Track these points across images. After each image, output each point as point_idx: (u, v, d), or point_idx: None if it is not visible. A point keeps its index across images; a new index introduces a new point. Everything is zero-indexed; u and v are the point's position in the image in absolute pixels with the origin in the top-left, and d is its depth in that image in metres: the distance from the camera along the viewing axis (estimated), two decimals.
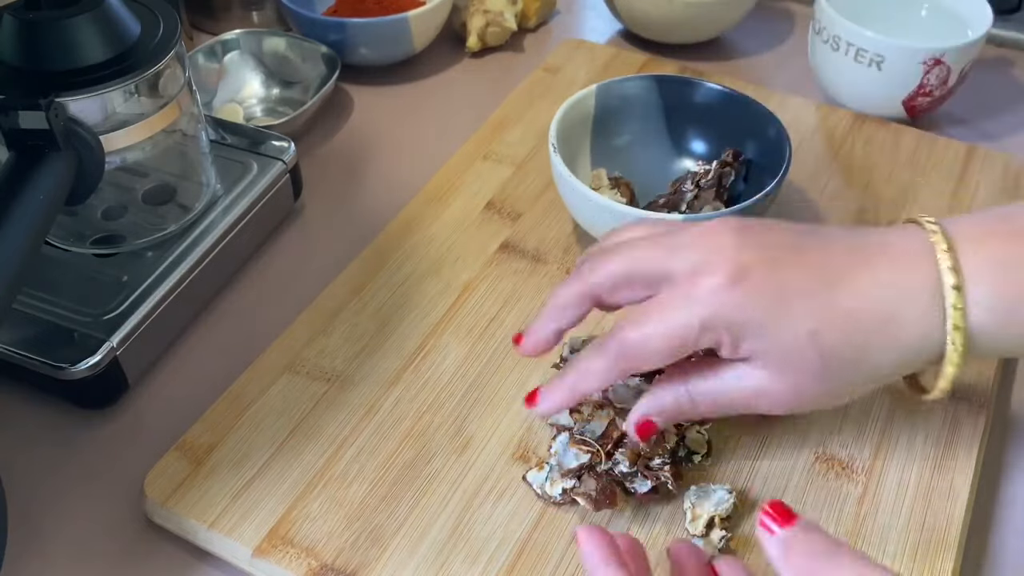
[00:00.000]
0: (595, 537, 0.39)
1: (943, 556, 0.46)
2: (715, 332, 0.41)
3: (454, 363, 0.55)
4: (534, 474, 0.49)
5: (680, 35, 0.83)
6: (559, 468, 0.48)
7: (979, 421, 0.52)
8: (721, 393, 0.44)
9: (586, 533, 0.39)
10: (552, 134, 0.59)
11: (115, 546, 0.49)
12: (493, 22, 0.83)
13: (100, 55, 0.52)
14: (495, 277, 0.60)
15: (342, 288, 0.60)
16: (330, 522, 0.48)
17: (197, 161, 0.61)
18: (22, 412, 0.55)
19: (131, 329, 0.54)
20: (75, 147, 0.50)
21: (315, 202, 0.69)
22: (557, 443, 0.49)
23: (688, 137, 0.66)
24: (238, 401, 0.53)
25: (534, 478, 0.49)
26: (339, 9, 0.82)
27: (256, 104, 0.77)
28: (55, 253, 0.58)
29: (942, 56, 0.68)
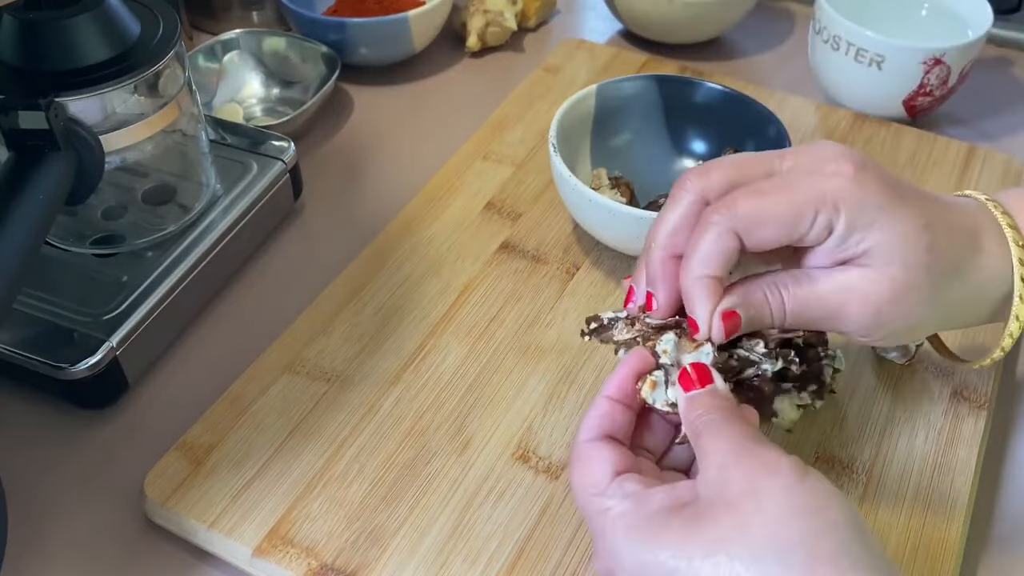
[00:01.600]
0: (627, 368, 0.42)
1: (943, 556, 0.46)
2: (834, 213, 0.40)
3: (454, 363, 0.55)
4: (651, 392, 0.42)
5: (680, 35, 0.83)
6: (677, 368, 0.43)
7: (979, 421, 0.52)
8: (813, 292, 0.42)
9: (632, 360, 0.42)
10: (552, 134, 0.59)
11: (115, 546, 0.49)
12: (493, 22, 0.83)
13: (100, 55, 0.52)
14: (495, 277, 0.60)
15: (342, 288, 0.60)
16: (330, 522, 0.48)
17: (197, 161, 0.61)
18: (22, 412, 0.55)
19: (131, 329, 0.54)
20: (75, 147, 0.50)
21: (315, 202, 0.69)
22: (664, 343, 0.43)
23: (688, 137, 0.66)
24: (238, 401, 0.53)
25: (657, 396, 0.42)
26: (339, 9, 0.82)
27: (256, 104, 0.77)
28: (55, 253, 0.58)
29: (942, 56, 0.68)
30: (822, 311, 0.42)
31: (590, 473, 0.40)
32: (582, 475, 0.40)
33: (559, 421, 0.52)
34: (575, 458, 0.41)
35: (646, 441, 0.44)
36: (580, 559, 0.46)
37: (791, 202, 0.40)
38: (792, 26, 0.89)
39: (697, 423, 0.39)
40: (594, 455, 0.40)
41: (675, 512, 0.37)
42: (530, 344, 0.56)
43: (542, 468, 0.50)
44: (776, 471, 0.36)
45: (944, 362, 0.55)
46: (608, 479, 0.39)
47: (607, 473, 0.39)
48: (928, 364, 0.55)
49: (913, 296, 0.41)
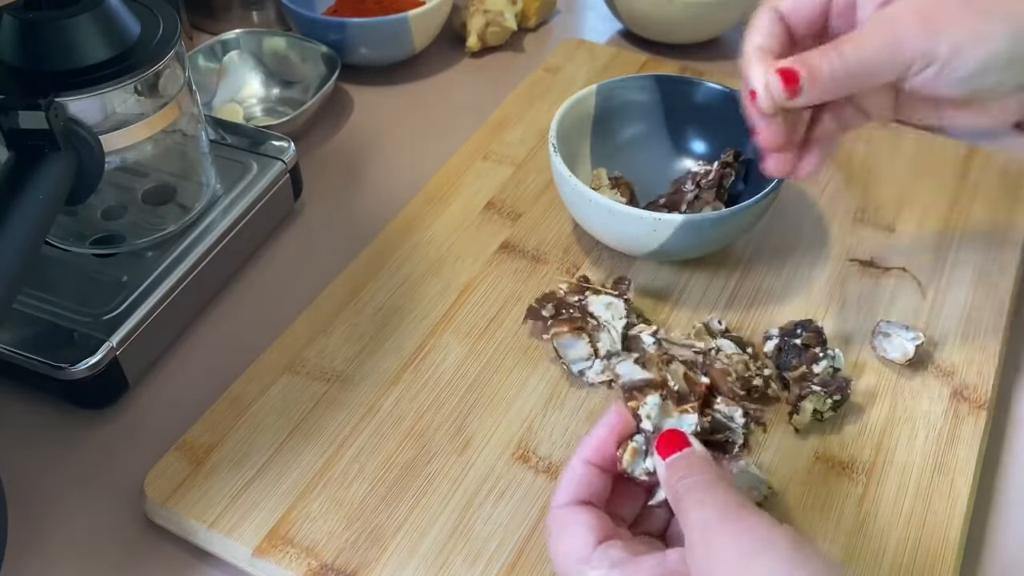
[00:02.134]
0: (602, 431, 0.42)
1: (943, 556, 0.46)
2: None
3: (454, 363, 0.55)
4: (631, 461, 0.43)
5: (680, 35, 0.83)
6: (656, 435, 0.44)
7: (979, 421, 0.52)
8: (864, 35, 0.42)
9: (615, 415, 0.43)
10: (552, 134, 0.59)
11: (115, 546, 0.49)
12: (493, 22, 0.83)
13: (100, 55, 0.52)
14: (495, 277, 0.60)
15: (342, 288, 0.60)
16: (330, 522, 0.48)
17: (197, 161, 0.61)
18: (22, 412, 0.55)
19: (131, 329, 0.54)
20: (75, 147, 0.50)
21: (315, 202, 0.69)
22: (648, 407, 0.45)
23: (688, 137, 0.66)
24: (238, 401, 0.53)
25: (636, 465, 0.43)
26: (339, 9, 0.82)
27: (256, 104, 0.77)
28: (55, 253, 0.58)
29: None
30: (878, 50, 0.42)
31: (572, 541, 0.39)
32: (564, 543, 0.39)
33: (559, 421, 0.52)
34: (554, 524, 0.40)
35: (619, 507, 0.43)
36: None
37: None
38: None
39: (678, 487, 0.38)
40: (574, 521, 0.39)
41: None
42: (530, 344, 0.56)
43: (542, 468, 0.50)
44: (770, 542, 0.34)
45: (944, 362, 0.55)
46: (591, 547, 0.38)
47: (590, 541, 0.38)
48: (928, 364, 0.55)
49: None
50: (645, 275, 0.61)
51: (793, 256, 0.62)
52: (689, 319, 0.58)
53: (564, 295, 0.55)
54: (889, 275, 0.60)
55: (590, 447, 0.42)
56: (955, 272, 0.60)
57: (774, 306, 0.59)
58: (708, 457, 0.40)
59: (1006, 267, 0.61)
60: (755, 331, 0.57)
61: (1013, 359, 0.58)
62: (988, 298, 0.59)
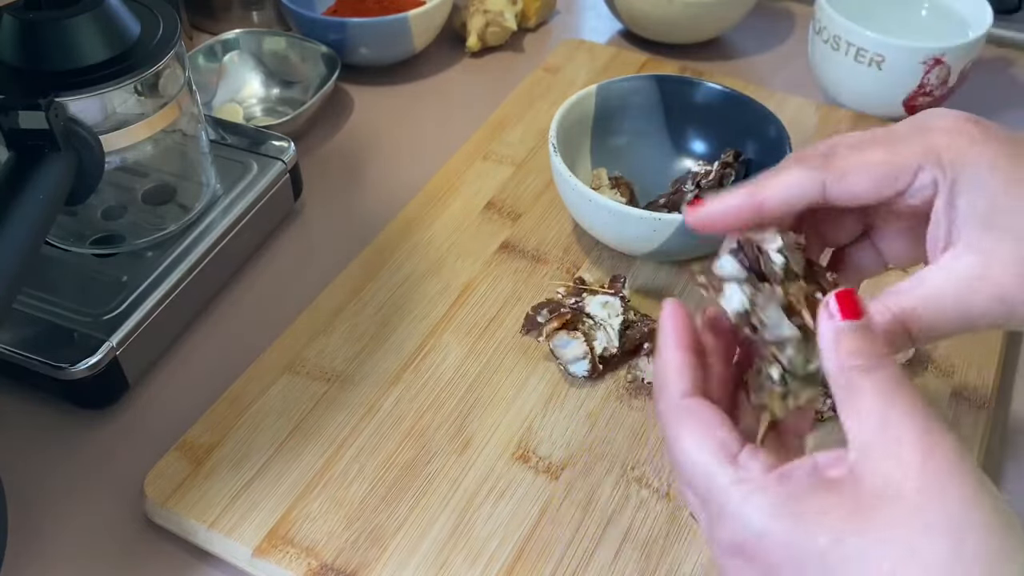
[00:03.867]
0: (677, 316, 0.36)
1: None
2: (937, 168, 0.35)
3: (454, 363, 0.55)
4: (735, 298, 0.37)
5: (680, 35, 0.83)
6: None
7: (979, 421, 0.52)
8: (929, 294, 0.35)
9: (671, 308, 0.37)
10: (552, 134, 0.59)
11: (115, 546, 0.49)
12: (493, 22, 0.83)
13: (100, 55, 0.52)
14: (495, 277, 0.60)
15: (342, 288, 0.60)
16: (330, 522, 0.48)
17: (197, 161, 0.61)
18: (22, 412, 0.55)
19: (131, 329, 0.54)
20: (75, 147, 0.50)
21: (315, 202, 0.69)
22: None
23: (688, 137, 0.66)
24: (238, 401, 0.53)
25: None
26: (339, 9, 0.82)
27: (256, 104, 0.77)
28: (55, 253, 0.58)
29: (942, 56, 0.68)
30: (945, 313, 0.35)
31: (712, 436, 0.33)
32: (695, 443, 0.33)
33: (559, 421, 0.52)
34: (677, 423, 0.34)
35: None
36: (580, 559, 0.46)
37: (893, 153, 0.36)
38: (792, 26, 0.89)
39: (853, 373, 0.31)
40: (708, 416, 0.33)
41: (828, 490, 0.30)
42: (530, 344, 0.56)
43: (542, 468, 0.50)
44: (957, 475, 0.29)
45: (944, 362, 0.55)
46: (735, 449, 0.32)
47: (735, 439, 0.33)
48: (928, 364, 0.55)
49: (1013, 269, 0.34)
50: (645, 275, 0.61)
51: None
52: None
53: (561, 299, 0.55)
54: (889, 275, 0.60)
55: (675, 331, 0.36)
56: None
57: None
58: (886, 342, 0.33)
59: None
60: None
61: (1013, 359, 0.58)
62: None
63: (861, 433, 0.31)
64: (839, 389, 0.32)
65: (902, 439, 0.30)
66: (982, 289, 0.35)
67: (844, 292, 0.33)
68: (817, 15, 0.74)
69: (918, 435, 0.30)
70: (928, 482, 0.29)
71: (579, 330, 0.53)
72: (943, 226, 0.36)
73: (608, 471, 0.50)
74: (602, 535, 0.47)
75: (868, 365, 0.31)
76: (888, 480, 0.30)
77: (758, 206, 0.37)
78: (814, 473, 0.31)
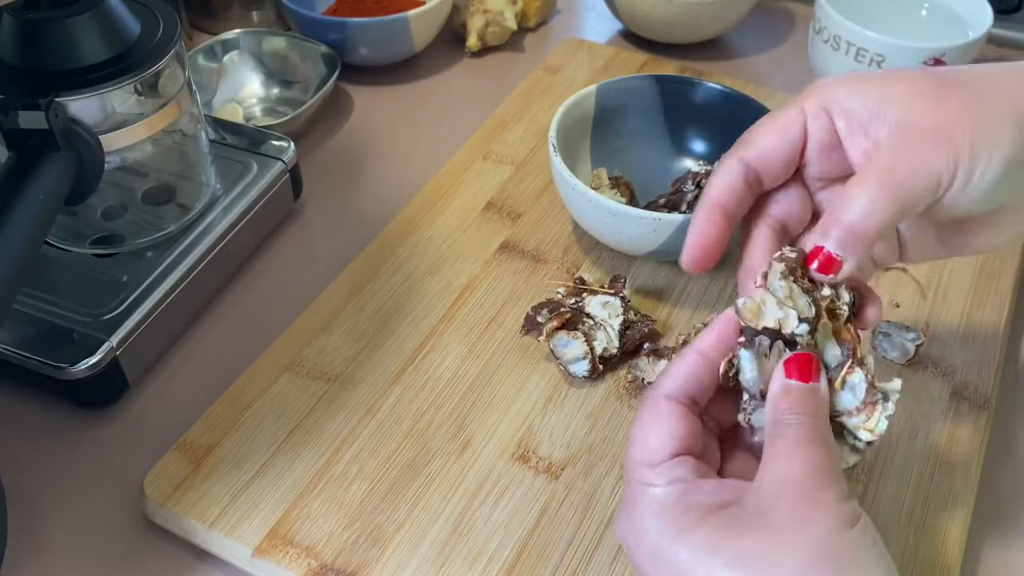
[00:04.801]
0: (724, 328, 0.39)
1: (943, 556, 0.46)
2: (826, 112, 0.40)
3: (454, 363, 0.55)
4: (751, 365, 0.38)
5: (680, 35, 0.83)
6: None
7: (979, 421, 0.52)
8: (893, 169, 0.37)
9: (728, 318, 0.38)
10: (552, 134, 0.59)
11: (115, 546, 0.49)
12: (493, 22, 0.83)
13: (100, 55, 0.52)
14: (495, 277, 0.60)
15: (342, 288, 0.60)
16: (330, 522, 0.48)
17: (197, 161, 0.61)
18: (22, 412, 0.55)
19: (131, 329, 0.54)
20: (75, 147, 0.50)
21: (315, 202, 0.69)
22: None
23: (688, 137, 0.66)
24: (238, 401, 0.53)
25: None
26: (339, 9, 0.82)
27: (256, 104, 0.77)
28: (55, 253, 0.58)
29: (942, 56, 0.68)
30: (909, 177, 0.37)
31: (651, 439, 0.37)
32: (643, 437, 0.37)
33: (559, 421, 0.52)
34: (646, 411, 0.38)
35: (721, 411, 0.40)
36: (580, 559, 0.46)
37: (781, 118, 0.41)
38: (792, 26, 0.89)
39: (783, 422, 0.36)
40: (664, 420, 0.37)
41: (713, 513, 0.34)
42: (530, 344, 0.56)
43: (542, 468, 0.50)
44: (827, 510, 0.33)
45: (944, 362, 0.55)
46: (665, 456, 0.37)
47: (667, 448, 0.37)
48: (928, 364, 0.55)
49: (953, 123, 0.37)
50: (645, 275, 0.61)
51: None
52: (689, 319, 0.58)
53: (561, 299, 0.55)
54: (889, 275, 0.60)
55: (711, 336, 0.39)
56: (955, 272, 0.60)
57: None
58: (826, 402, 0.37)
59: (1006, 267, 0.61)
60: None
61: (1013, 359, 0.58)
62: (988, 298, 0.59)
63: (760, 477, 0.35)
64: (766, 432, 0.36)
65: (786, 484, 0.34)
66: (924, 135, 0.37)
67: (799, 357, 0.37)
68: (817, 15, 0.74)
69: (805, 476, 0.34)
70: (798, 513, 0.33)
71: (579, 330, 0.53)
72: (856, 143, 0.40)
73: (608, 471, 0.50)
74: (602, 535, 0.47)
75: (796, 420, 0.36)
76: (763, 509, 0.34)
77: (719, 207, 0.41)
78: (717, 491, 0.35)
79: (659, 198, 0.63)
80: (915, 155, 0.37)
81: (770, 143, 0.41)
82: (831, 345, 0.38)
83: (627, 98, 0.65)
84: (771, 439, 0.36)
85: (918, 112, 0.38)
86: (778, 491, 0.34)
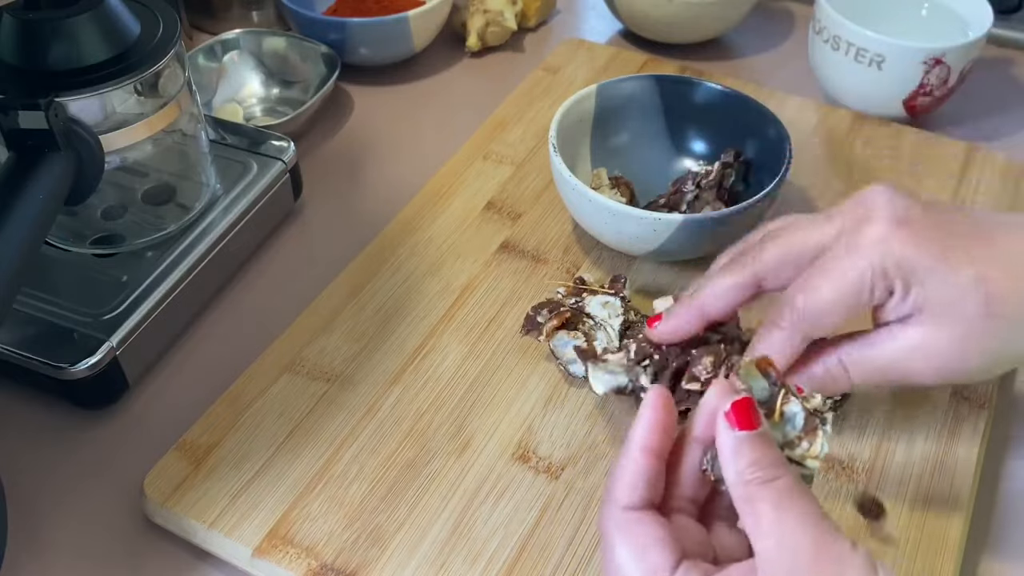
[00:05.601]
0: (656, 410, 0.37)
1: (943, 556, 0.46)
2: (887, 279, 0.41)
3: (454, 363, 0.55)
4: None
5: (680, 35, 0.83)
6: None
7: (979, 421, 0.52)
8: (875, 357, 0.42)
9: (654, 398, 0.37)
10: (552, 134, 0.59)
11: (115, 546, 0.49)
12: (493, 22, 0.83)
13: (100, 55, 0.52)
14: (495, 277, 0.60)
15: (342, 288, 0.60)
16: (330, 522, 0.48)
17: (197, 161, 0.61)
18: (22, 412, 0.55)
19: (131, 329, 0.54)
20: (75, 147, 0.50)
21: (315, 202, 0.69)
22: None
23: (688, 137, 0.66)
24: (238, 401, 0.53)
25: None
26: (339, 9, 0.82)
27: (256, 104, 0.77)
28: (55, 253, 0.58)
29: (942, 56, 0.68)
30: (885, 370, 0.42)
31: (649, 557, 0.35)
32: (639, 557, 0.35)
33: (559, 421, 0.52)
34: (617, 532, 0.36)
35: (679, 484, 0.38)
36: (580, 559, 0.46)
37: (844, 291, 0.41)
38: (792, 26, 0.89)
39: (752, 482, 0.34)
40: (648, 534, 0.35)
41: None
42: (530, 344, 0.56)
43: (542, 468, 0.50)
44: (848, 566, 0.32)
45: None
46: (671, 567, 0.34)
47: (669, 561, 0.34)
48: None
49: (975, 347, 0.41)
50: (645, 275, 0.61)
51: None
52: None
53: (561, 299, 0.55)
54: None
55: (648, 432, 0.36)
56: None
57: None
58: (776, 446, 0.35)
59: None
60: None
61: None
62: None
63: (764, 550, 0.33)
64: (739, 499, 0.34)
65: (797, 549, 0.32)
66: (921, 358, 0.41)
67: (740, 402, 0.35)
68: (817, 15, 0.74)
69: (810, 542, 0.33)
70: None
71: (579, 330, 0.53)
72: (900, 304, 0.41)
73: (608, 471, 0.50)
74: None
75: (765, 477, 0.34)
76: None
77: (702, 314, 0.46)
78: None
79: (659, 198, 0.63)
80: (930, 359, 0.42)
81: (839, 322, 0.42)
82: (757, 379, 0.37)
83: (627, 98, 0.65)
84: (749, 503, 0.34)
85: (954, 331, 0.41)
86: (790, 561, 0.32)
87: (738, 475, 0.34)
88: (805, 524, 0.33)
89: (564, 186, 0.58)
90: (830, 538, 0.33)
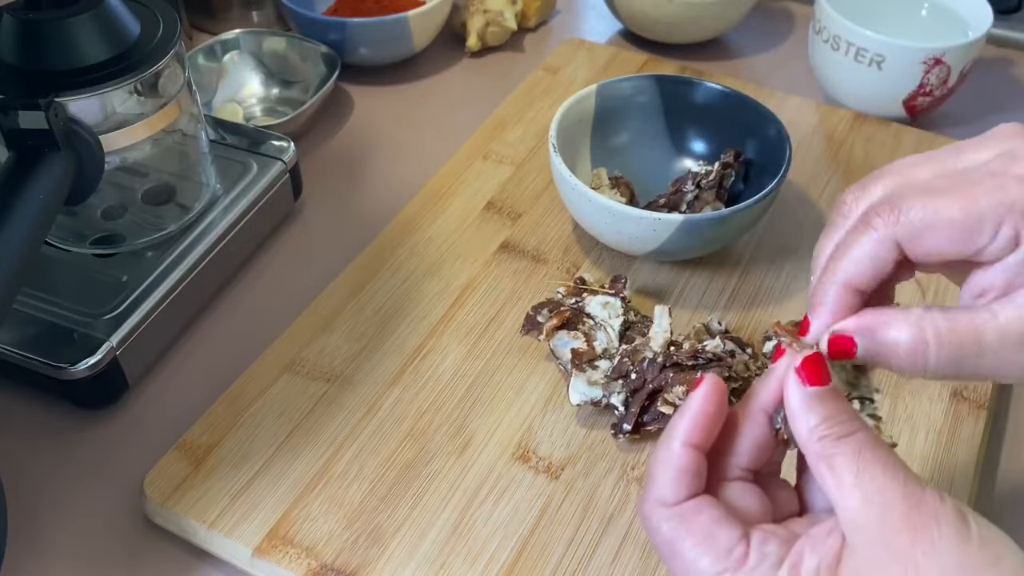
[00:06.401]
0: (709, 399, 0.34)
1: None
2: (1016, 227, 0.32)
3: (454, 363, 0.55)
4: None
5: (680, 35, 0.83)
6: None
7: (979, 421, 0.52)
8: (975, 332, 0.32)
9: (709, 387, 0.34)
10: (552, 134, 0.59)
11: (115, 546, 0.49)
12: (493, 22, 0.83)
13: (100, 55, 0.52)
14: (495, 277, 0.60)
15: (342, 288, 0.60)
16: (330, 522, 0.48)
17: (197, 161, 0.61)
18: (22, 412, 0.55)
19: (131, 329, 0.54)
20: (75, 147, 0.50)
21: (315, 202, 0.69)
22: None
23: (688, 137, 0.66)
24: (238, 401, 0.53)
25: None
26: (339, 9, 0.82)
27: (256, 104, 0.77)
28: (55, 253, 0.58)
29: (942, 56, 0.68)
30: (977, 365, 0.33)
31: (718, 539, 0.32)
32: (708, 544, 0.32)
33: (559, 421, 0.52)
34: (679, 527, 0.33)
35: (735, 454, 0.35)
36: (580, 559, 0.46)
37: (970, 207, 0.32)
38: (792, 26, 0.89)
39: (828, 439, 0.32)
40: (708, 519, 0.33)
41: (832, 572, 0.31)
42: (530, 344, 0.56)
43: (542, 468, 0.50)
44: (942, 520, 0.30)
45: None
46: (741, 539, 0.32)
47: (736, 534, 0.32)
48: None
49: None
50: (645, 275, 0.61)
51: (793, 256, 0.62)
52: (689, 319, 0.58)
53: (561, 299, 0.55)
54: None
55: (693, 426, 0.34)
56: None
57: (774, 306, 0.59)
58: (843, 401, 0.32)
59: None
60: (755, 331, 0.57)
61: None
62: None
63: (847, 509, 0.31)
64: (814, 457, 0.32)
65: (886, 505, 0.30)
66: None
67: (811, 358, 0.33)
68: (817, 15, 0.74)
69: (900, 496, 0.30)
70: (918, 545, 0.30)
71: (579, 330, 0.53)
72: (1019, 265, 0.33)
73: (608, 471, 0.50)
74: (602, 535, 0.47)
75: (841, 432, 0.32)
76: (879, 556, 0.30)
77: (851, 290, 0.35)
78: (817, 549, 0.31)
79: (659, 198, 0.63)
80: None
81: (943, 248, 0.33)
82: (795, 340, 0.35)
83: (627, 98, 0.65)
84: (826, 461, 0.32)
85: None
86: (878, 519, 0.30)
87: (811, 431, 0.32)
88: (894, 478, 0.31)
89: (564, 186, 0.58)
90: (919, 490, 0.30)
